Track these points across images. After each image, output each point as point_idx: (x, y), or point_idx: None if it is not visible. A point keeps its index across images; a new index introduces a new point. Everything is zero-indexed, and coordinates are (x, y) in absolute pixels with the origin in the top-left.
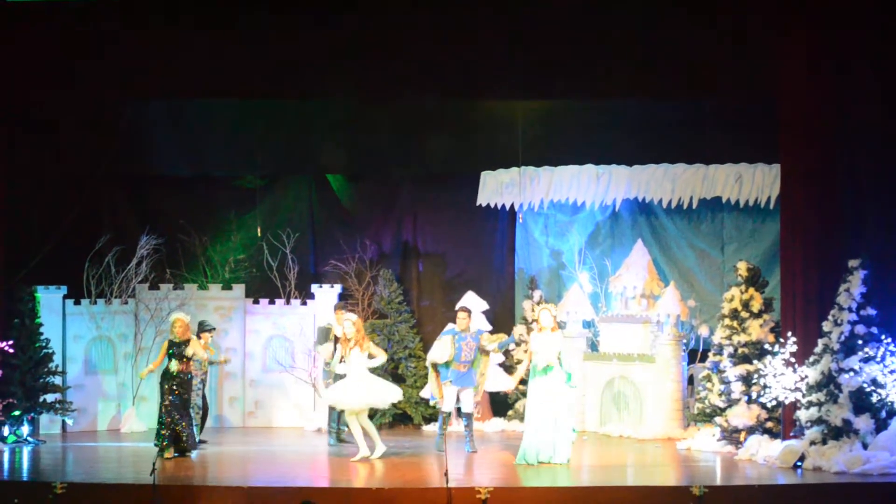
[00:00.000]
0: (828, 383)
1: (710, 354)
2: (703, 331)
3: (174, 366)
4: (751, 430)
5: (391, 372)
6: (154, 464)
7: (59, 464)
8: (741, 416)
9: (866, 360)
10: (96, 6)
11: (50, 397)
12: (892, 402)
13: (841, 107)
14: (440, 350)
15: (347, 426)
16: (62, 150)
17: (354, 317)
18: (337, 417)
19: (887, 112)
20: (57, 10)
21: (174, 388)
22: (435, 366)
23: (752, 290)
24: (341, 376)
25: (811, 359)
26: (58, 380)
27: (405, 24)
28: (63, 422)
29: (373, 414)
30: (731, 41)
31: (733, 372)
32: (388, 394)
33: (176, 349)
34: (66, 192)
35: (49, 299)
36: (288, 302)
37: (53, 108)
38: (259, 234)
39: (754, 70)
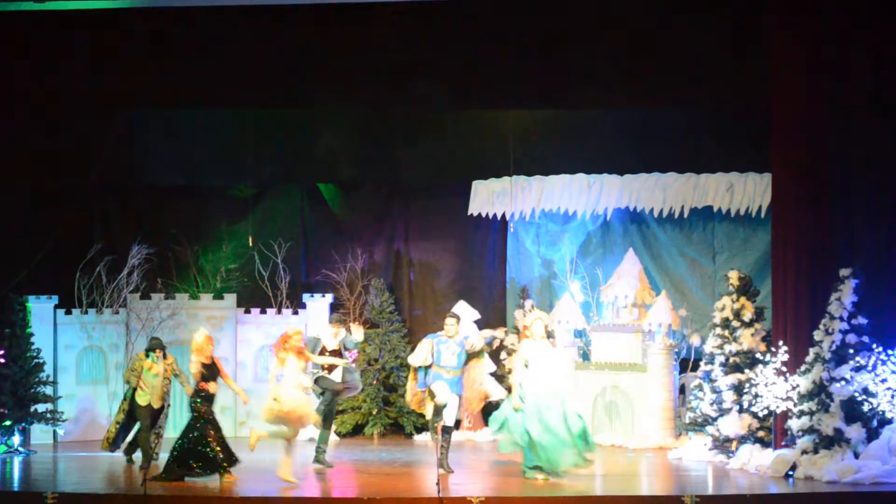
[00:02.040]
0: (819, 392)
1: (702, 363)
2: (695, 340)
3: (213, 387)
4: (742, 440)
5: (382, 381)
6: (144, 474)
7: (49, 474)
8: (733, 425)
9: (857, 369)
10: (87, 15)
11: (41, 407)
12: (884, 412)
13: (832, 116)
14: (417, 353)
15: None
16: (53, 159)
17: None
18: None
19: (879, 121)
20: (48, 19)
21: (208, 410)
22: (414, 369)
23: (743, 300)
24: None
25: (802, 368)
26: (49, 390)
27: (397, 34)
28: (54, 432)
29: (364, 423)
30: (723, 50)
31: (725, 381)
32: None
33: (209, 369)
34: (58, 202)
35: (40, 309)
36: (279, 311)
37: (44, 117)
38: (250, 244)
39: (746, 79)
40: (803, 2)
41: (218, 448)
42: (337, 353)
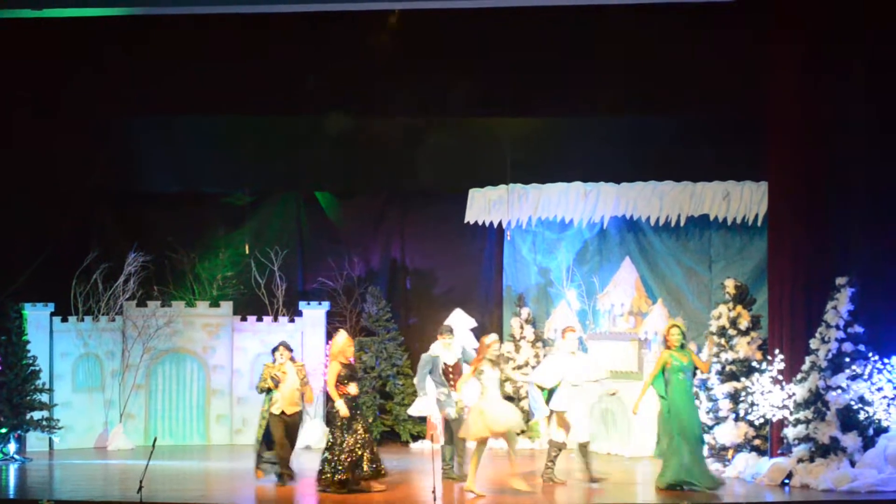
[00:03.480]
0: (815, 401)
1: (698, 372)
2: (691, 348)
3: (354, 389)
4: (738, 448)
5: (379, 389)
6: (140, 482)
7: (45, 481)
8: (729, 433)
9: (854, 377)
10: (85, 23)
11: (37, 415)
12: (880, 420)
13: (829, 124)
14: (546, 373)
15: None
16: (50, 166)
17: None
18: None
19: (875, 130)
20: (45, 26)
21: (353, 415)
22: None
23: (739, 308)
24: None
25: (799, 376)
26: (45, 397)
27: (394, 42)
28: (50, 439)
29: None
30: (720, 59)
31: (721, 389)
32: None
33: (351, 371)
34: (54, 209)
35: (36, 316)
36: (276, 319)
37: (42, 125)
38: (247, 252)
39: (743, 88)
40: (801, 10)
41: (367, 455)
42: (457, 368)
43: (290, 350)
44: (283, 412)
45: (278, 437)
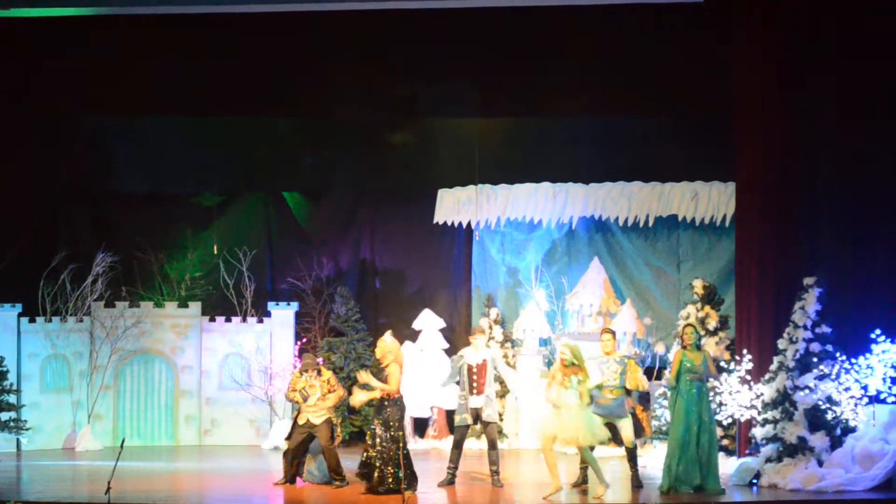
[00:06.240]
0: (783, 401)
1: (666, 372)
2: (660, 348)
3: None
4: None
5: (348, 389)
6: (109, 482)
7: (13, 482)
8: None
9: (821, 377)
10: (51, 21)
11: (4, 416)
12: (847, 420)
13: (796, 125)
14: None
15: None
16: (18, 166)
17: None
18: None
19: (843, 131)
20: (13, 25)
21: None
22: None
23: (707, 308)
24: None
25: (766, 376)
26: (12, 398)
27: (361, 42)
28: (18, 440)
29: None
30: (688, 59)
31: None
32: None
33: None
34: (22, 209)
35: (4, 317)
36: (244, 320)
37: (9, 124)
38: (215, 252)
39: (710, 88)
40: (770, 14)
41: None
42: (482, 368)
43: (317, 364)
44: (307, 421)
45: (292, 443)
